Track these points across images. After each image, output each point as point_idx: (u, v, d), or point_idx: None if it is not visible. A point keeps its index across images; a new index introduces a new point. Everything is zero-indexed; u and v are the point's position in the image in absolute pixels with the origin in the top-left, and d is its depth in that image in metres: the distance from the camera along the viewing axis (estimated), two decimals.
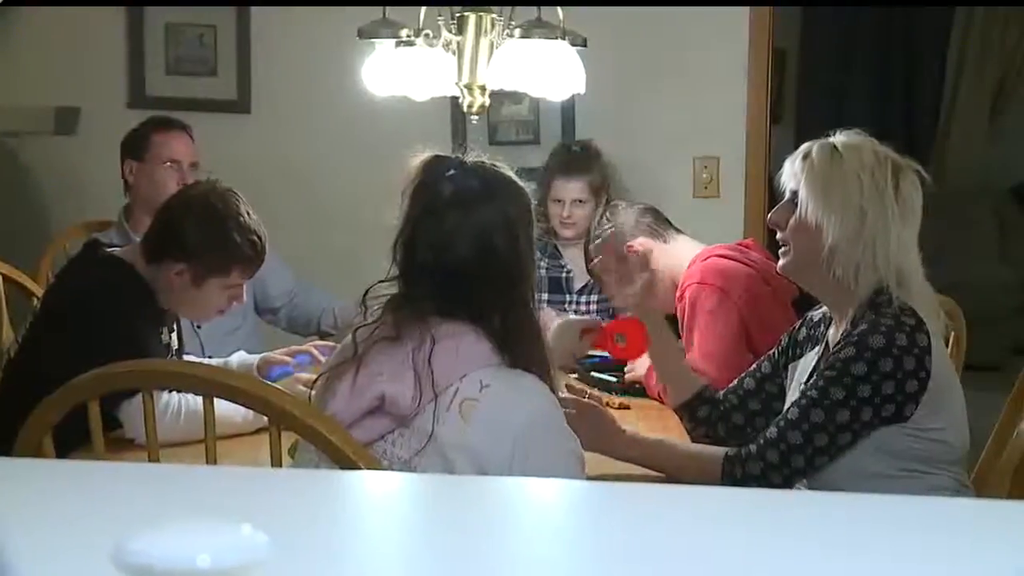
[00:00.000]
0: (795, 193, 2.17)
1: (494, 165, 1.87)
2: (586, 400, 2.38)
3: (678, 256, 3.05)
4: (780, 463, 2.10)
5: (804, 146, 2.21)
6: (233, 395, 1.76)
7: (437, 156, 1.87)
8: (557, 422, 1.81)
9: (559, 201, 3.80)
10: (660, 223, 3.12)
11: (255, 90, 4.34)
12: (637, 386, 2.94)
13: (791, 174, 2.18)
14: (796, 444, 2.09)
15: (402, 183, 1.85)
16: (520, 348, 1.79)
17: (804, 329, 2.35)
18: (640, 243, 3.06)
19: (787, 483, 2.12)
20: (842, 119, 2.33)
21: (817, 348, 2.27)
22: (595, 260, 3.13)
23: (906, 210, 2.14)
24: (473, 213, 1.81)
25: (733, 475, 2.13)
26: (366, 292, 1.87)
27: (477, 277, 1.79)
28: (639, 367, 2.94)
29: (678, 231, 3.13)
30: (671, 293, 3.00)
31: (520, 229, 1.84)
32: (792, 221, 2.16)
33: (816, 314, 2.34)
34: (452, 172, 1.84)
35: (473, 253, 1.79)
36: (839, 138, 2.19)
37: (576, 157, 3.88)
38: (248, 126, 4.30)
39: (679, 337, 2.89)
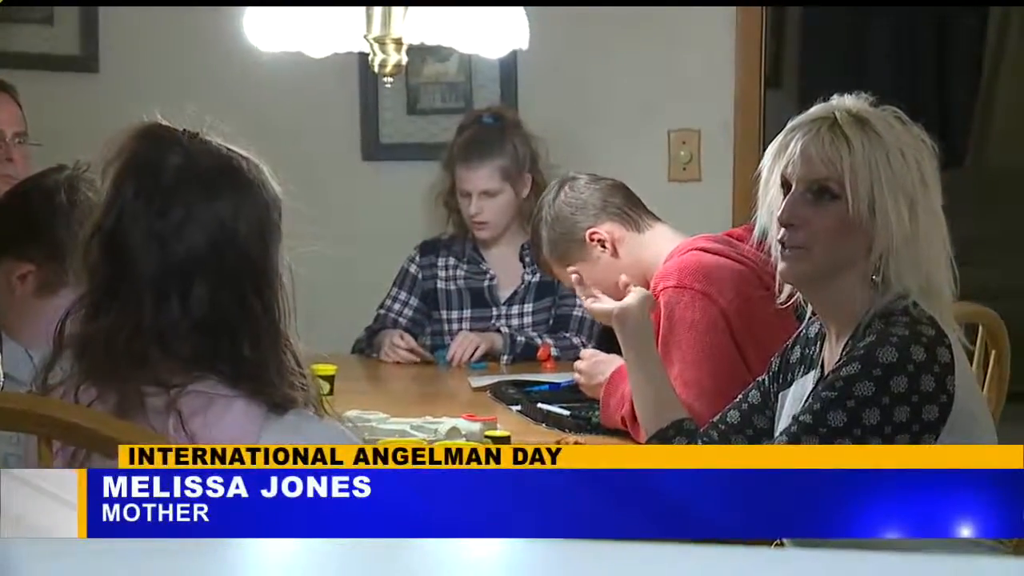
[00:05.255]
0: (818, 183, 2.17)
1: (229, 147, 1.90)
2: None
3: (653, 249, 3.07)
4: None
5: (807, 120, 2.19)
6: (75, 435, 1.78)
7: (161, 126, 1.89)
8: None
9: (467, 195, 3.83)
10: (633, 206, 3.13)
11: (104, 43, 4.32)
12: (593, 419, 2.97)
13: (815, 158, 2.17)
14: None
15: (103, 159, 1.88)
16: (279, 380, 1.82)
17: (798, 348, 2.38)
18: (607, 230, 3.10)
19: None
20: (858, 83, 2.34)
21: (813, 372, 2.30)
22: (546, 250, 3.14)
23: (940, 193, 2.21)
24: (215, 196, 1.84)
25: None
26: (59, 333, 1.87)
27: (216, 283, 1.82)
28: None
29: (655, 218, 3.15)
30: None
31: (272, 219, 1.88)
32: (832, 218, 2.17)
33: (812, 329, 2.38)
34: (181, 145, 1.87)
35: (211, 248, 1.82)
36: (850, 104, 2.21)
37: (478, 136, 3.87)
38: (95, 89, 4.28)
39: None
